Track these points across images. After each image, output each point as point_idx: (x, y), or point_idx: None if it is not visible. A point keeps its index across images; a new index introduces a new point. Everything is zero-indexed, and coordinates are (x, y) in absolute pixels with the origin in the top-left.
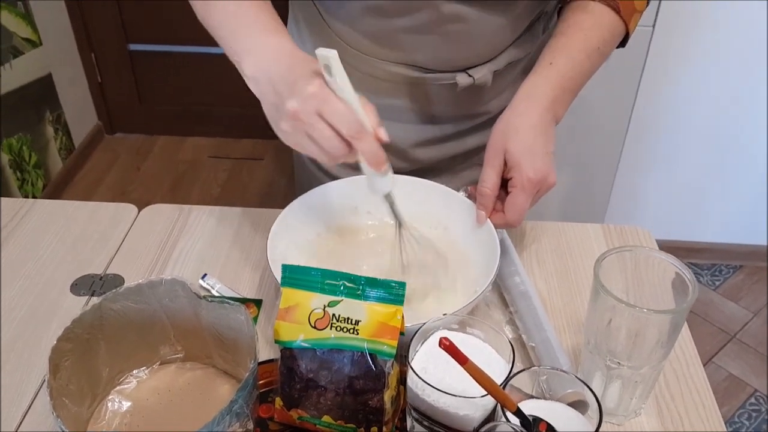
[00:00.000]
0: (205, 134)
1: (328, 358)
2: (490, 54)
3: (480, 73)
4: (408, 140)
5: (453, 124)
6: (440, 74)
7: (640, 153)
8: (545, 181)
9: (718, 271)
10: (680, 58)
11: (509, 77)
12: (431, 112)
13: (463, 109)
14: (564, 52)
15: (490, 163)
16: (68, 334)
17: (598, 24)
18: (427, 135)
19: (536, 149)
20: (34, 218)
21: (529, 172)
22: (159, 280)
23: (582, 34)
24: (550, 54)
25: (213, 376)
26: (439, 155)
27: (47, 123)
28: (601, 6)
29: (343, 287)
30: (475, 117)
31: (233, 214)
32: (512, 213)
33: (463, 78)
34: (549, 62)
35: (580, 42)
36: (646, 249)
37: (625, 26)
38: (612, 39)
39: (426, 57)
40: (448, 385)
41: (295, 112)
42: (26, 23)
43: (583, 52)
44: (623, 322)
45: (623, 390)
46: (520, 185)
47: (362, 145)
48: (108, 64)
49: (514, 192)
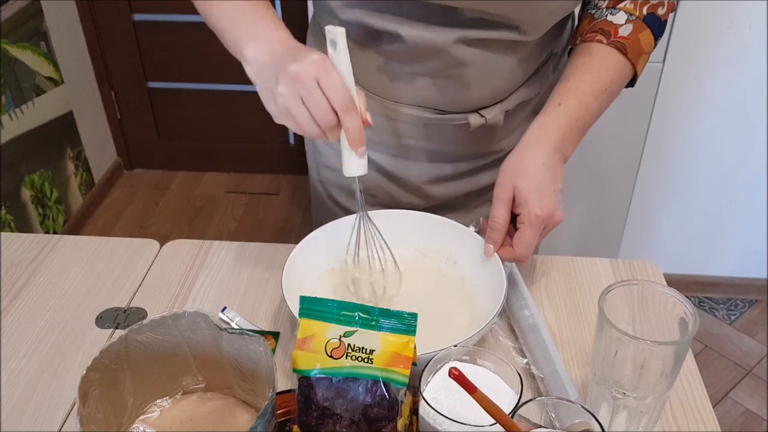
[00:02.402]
0: (222, 170)
1: (344, 387)
2: (501, 95)
3: (492, 113)
4: (422, 178)
5: (466, 162)
6: (453, 115)
7: (654, 187)
8: (552, 218)
9: (734, 305)
10: (691, 93)
11: (520, 116)
12: (445, 151)
13: (476, 147)
14: (572, 94)
15: (500, 199)
16: (96, 365)
17: (606, 66)
18: (441, 173)
19: (544, 187)
20: (60, 253)
21: (537, 209)
22: (182, 313)
23: (590, 76)
24: (559, 95)
25: (233, 405)
26: (453, 192)
27: (68, 159)
28: (608, 48)
29: (358, 318)
30: (487, 155)
31: (251, 250)
32: (520, 248)
33: (475, 118)
34: (558, 103)
35: (587, 84)
36: (651, 283)
37: (632, 67)
38: (619, 80)
39: (439, 99)
40: (458, 415)
41: (296, 73)
42: (48, 62)
43: (591, 93)
44: (628, 353)
45: (629, 420)
46: (528, 222)
47: (349, 119)
48: (127, 102)
49: (522, 228)
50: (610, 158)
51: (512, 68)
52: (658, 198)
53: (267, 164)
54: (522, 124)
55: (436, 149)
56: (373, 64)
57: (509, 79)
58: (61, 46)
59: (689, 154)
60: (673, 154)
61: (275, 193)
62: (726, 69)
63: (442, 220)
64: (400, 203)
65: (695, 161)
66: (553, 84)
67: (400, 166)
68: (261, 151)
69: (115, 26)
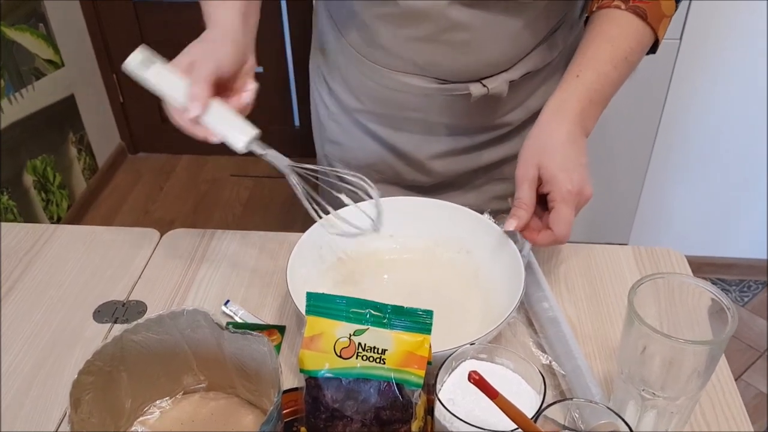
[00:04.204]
0: (227, 153)
1: (354, 388)
2: (504, 64)
3: (495, 83)
4: (424, 152)
5: (470, 137)
6: (454, 84)
7: (667, 168)
8: (582, 193)
9: (747, 287)
10: (708, 71)
11: (528, 88)
12: (447, 124)
13: (480, 120)
14: (591, 64)
15: (524, 179)
16: (89, 367)
17: (625, 33)
18: (444, 147)
19: (569, 162)
20: (56, 244)
21: (567, 184)
22: (180, 311)
23: (609, 44)
24: (577, 66)
25: (236, 406)
26: (458, 168)
27: (70, 144)
28: (627, 14)
29: (369, 315)
30: (492, 129)
31: (255, 238)
32: (559, 227)
33: (477, 88)
34: (576, 75)
35: (606, 53)
36: (679, 275)
37: (653, 33)
38: (640, 48)
39: (438, 67)
40: (477, 418)
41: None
42: (48, 44)
43: (610, 63)
44: (657, 350)
45: (658, 421)
46: (561, 198)
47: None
48: (130, 84)
49: (556, 206)
50: (623, 139)
51: (516, 33)
52: (671, 179)
53: (272, 146)
54: (530, 96)
55: (437, 122)
56: (369, 29)
57: (513, 46)
58: (60, 28)
59: (704, 134)
60: (688, 134)
61: (280, 176)
62: (743, 47)
63: (453, 207)
64: (405, 180)
65: (710, 141)
66: (564, 54)
67: (403, 139)
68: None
69: (115, 6)
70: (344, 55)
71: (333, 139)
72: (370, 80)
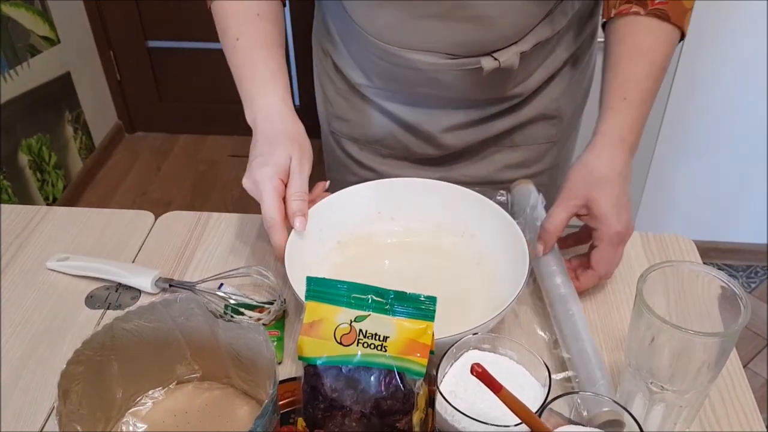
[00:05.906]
0: (226, 132)
1: (354, 377)
2: (515, 36)
3: (506, 56)
4: (435, 126)
5: (481, 109)
6: (464, 59)
7: (673, 152)
8: (628, 232)
9: (754, 272)
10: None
11: (538, 58)
12: (458, 98)
13: (491, 92)
14: (633, 83)
15: (564, 204)
16: (78, 357)
17: (655, 42)
18: (455, 120)
19: (622, 201)
20: (48, 227)
21: (617, 225)
22: (174, 298)
23: (644, 58)
24: (619, 87)
25: (232, 396)
26: (469, 140)
27: (67, 122)
28: (651, 21)
29: (370, 301)
30: (504, 100)
31: (252, 221)
32: (603, 267)
33: (488, 62)
34: (623, 97)
35: (645, 68)
36: (689, 263)
37: (679, 30)
38: (671, 50)
39: (448, 43)
40: (479, 411)
41: (247, 187)
42: (43, 21)
43: (651, 77)
44: (666, 341)
45: (666, 414)
46: (608, 239)
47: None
48: (127, 62)
49: (602, 247)
50: None
51: (524, 7)
52: (677, 163)
53: None
54: (540, 66)
55: (448, 96)
56: (376, 8)
57: (522, 19)
58: (56, 4)
59: (709, 118)
60: (694, 118)
61: None
62: (749, 30)
63: (457, 189)
64: (415, 153)
65: (715, 126)
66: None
67: (413, 115)
68: None
69: None
70: (351, 34)
71: (340, 115)
72: (378, 58)
